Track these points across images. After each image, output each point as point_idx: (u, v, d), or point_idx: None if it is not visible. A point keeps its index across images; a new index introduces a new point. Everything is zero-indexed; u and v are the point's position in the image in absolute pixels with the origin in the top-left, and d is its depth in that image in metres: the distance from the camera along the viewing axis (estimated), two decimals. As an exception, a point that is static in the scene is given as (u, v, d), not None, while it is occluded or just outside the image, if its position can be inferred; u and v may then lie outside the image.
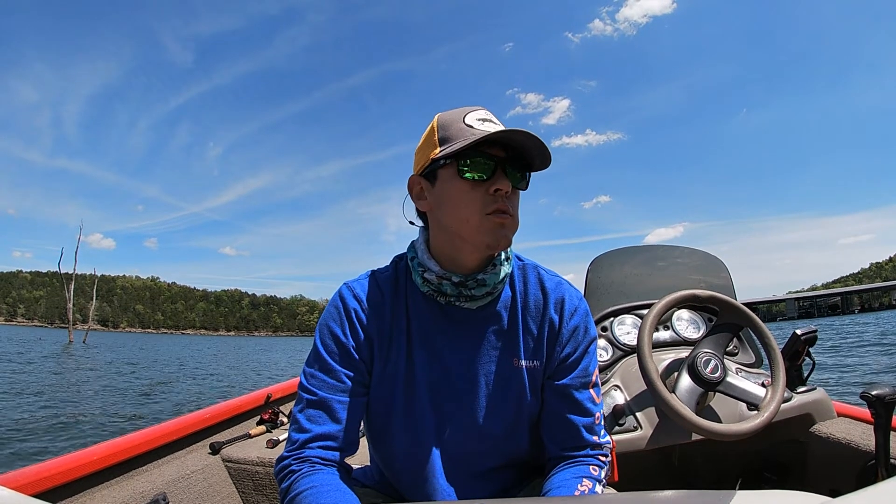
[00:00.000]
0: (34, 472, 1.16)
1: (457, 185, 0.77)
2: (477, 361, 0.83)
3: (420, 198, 0.83)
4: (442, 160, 0.77)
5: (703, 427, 1.14)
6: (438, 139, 0.79)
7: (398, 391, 0.82)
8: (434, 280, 0.81)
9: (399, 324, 0.83)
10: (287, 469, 0.76)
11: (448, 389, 0.82)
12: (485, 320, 0.84)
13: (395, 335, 0.83)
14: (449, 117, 0.80)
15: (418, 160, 0.83)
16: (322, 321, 0.84)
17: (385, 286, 0.85)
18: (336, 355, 0.80)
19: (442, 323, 0.83)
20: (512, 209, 0.77)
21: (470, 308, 0.83)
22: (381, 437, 0.86)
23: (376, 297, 0.84)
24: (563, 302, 0.85)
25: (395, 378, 0.82)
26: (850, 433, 1.30)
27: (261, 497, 1.60)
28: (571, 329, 0.84)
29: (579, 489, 0.76)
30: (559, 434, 0.84)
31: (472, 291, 0.80)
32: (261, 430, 1.88)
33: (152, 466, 1.47)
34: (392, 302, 0.84)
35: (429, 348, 0.82)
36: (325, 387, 0.79)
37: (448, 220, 0.79)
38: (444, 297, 0.82)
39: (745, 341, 1.52)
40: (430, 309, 0.84)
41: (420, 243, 0.86)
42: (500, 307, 0.84)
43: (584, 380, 0.84)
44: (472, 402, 0.82)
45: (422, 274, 0.82)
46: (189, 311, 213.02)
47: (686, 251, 1.73)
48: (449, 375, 0.82)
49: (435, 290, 0.82)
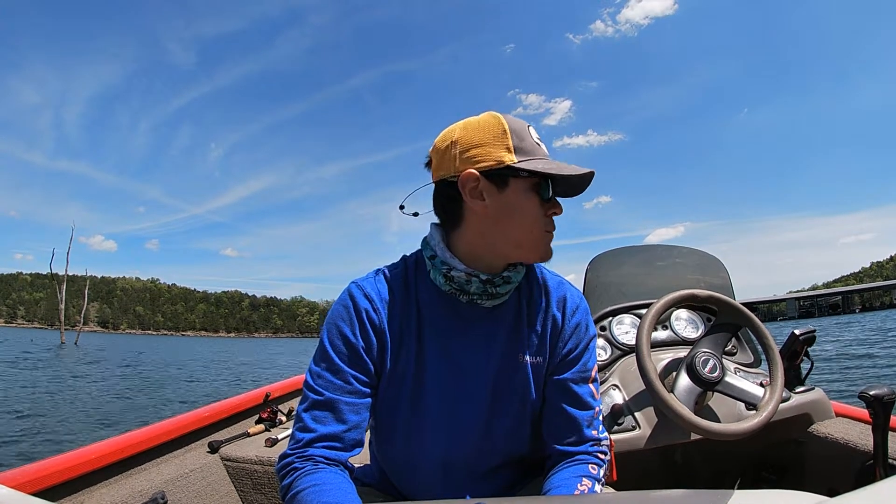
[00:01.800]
0: (33, 470, 1.16)
1: (532, 200, 0.79)
2: (488, 359, 0.83)
3: (475, 196, 0.79)
4: (522, 172, 0.77)
5: (701, 427, 1.14)
6: (514, 147, 0.78)
7: (406, 390, 0.82)
8: (462, 278, 0.80)
9: (409, 323, 0.83)
10: (290, 466, 0.76)
11: (459, 387, 0.82)
12: (496, 318, 0.84)
13: (405, 335, 0.82)
14: (518, 126, 0.80)
15: (479, 155, 0.78)
16: (330, 320, 0.82)
17: (395, 284, 0.84)
18: (344, 356, 0.79)
19: (454, 321, 0.83)
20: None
21: (487, 306, 0.83)
22: (386, 436, 0.86)
23: (386, 295, 0.83)
24: (565, 300, 0.87)
25: (405, 377, 0.82)
26: (849, 433, 1.30)
27: (259, 495, 1.60)
28: (573, 326, 0.86)
29: (579, 488, 0.76)
30: (559, 428, 0.84)
31: (497, 289, 0.81)
32: (259, 428, 1.88)
33: (151, 465, 1.47)
34: (402, 301, 0.83)
35: (441, 347, 0.82)
36: (331, 387, 0.78)
37: (513, 229, 0.80)
38: (467, 295, 0.81)
39: (744, 341, 1.52)
40: (443, 307, 0.83)
41: (437, 242, 0.84)
42: (507, 306, 0.85)
43: (584, 374, 0.86)
44: (482, 400, 0.82)
45: (447, 272, 0.81)
46: (189, 312, 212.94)
47: (685, 251, 1.74)
48: (460, 373, 0.82)
49: (457, 288, 0.81)
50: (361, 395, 0.80)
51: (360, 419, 0.80)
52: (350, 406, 0.78)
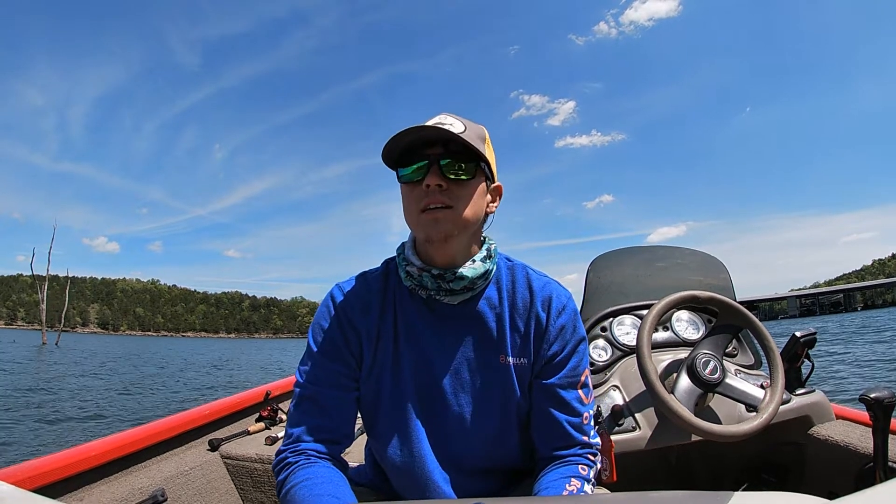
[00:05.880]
0: (33, 467, 1.17)
1: (403, 189, 0.83)
2: (461, 357, 0.84)
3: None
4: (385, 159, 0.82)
5: (701, 428, 1.14)
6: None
7: (385, 386, 0.84)
8: (415, 273, 0.83)
9: (386, 320, 0.86)
10: (284, 462, 0.79)
11: (433, 385, 0.84)
12: (469, 317, 0.85)
13: (382, 332, 0.85)
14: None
15: None
16: (315, 320, 0.88)
17: (374, 285, 0.88)
18: (327, 351, 0.84)
19: (427, 319, 0.85)
20: (450, 201, 0.79)
21: (451, 303, 0.84)
22: (373, 432, 0.88)
23: (365, 295, 0.87)
24: (550, 300, 0.86)
25: (383, 373, 0.85)
26: (849, 435, 1.30)
27: (259, 494, 1.60)
28: (559, 327, 0.85)
29: (567, 489, 0.77)
30: (547, 433, 0.85)
31: (450, 285, 0.82)
32: (259, 427, 1.88)
33: (151, 462, 1.48)
34: (380, 299, 0.87)
35: (414, 344, 0.84)
36: (316, 382, 0.83)
37: (406, 222, 0.85)
38: (425, 290, 0.84)
39: (745, 343, 1.52)
40: (416, 305, 0.86)
41: (408, 241, 0.89)
42: (485, 304, 0.85)
43: (572, 379, 0.85)
44: (457, 398, 0.83)
45: (405, 268, 0.85)
46: (189, 313, 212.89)
47: (686, 252, 1.74)
48: (433, 371, 0.84)
49: (416, 283, 0.84)
50: (346, 388, 0.84)
51: (348, 412, 0.84)
52: (336, 399, 0.83)
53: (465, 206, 0.80)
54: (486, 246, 0.87)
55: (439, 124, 0.78)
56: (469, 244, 0.84)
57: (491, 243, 0.88)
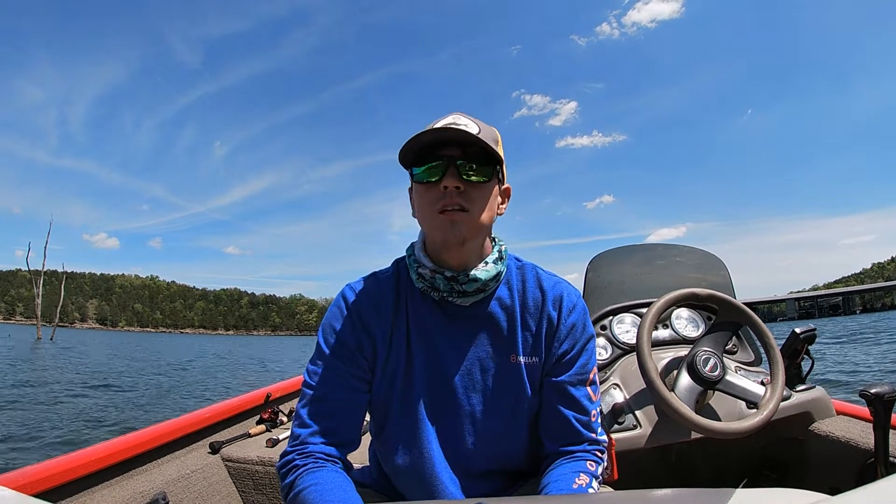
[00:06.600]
0: (35, 471, 1.17)
1: (418, 189, 0.83)
2: (473, 358, 0.84)
3: (412, 204, 0.88)
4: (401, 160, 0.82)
5: (702, 425, 1.15)
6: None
7: (397, 388, 0.84)
8: (427, 275, 0.83)
9: (399, 322, 0.85)
10: (291, 464, 0.78)
11: (444, 385, 0.84)
12: (481, 318, 0.85)
13: (395, 333, 0.85)
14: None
15: None
16: (325, 321, 0.87)
17: (385, 286, 0.87)
18: (338, 353, 0.83)
19: (439, 320, 0.85)
20: (467, 203, 0.78)
21: (463, 304, 0.84)
22: (382, 433, 0.88)
23: (377, 296, 0.86)
24: (561, 299, 0.87)
25: (395, 375, 0.84)
26: (850, 431, 1.30)
27: (261, 496, 1.60)
28: (569, 326, 0.86)
29: (577, 482, 0.77)
30: (556, 430, 0.85)
31: (463, 287, 0.82)
32: (260, 429, 1.88)
33: (152, 466, 1.47)
34: (392, 301, 0.86)
35: (426, 345, 0.84)
36: (327, 383, 0.82)
37: (419, 223, 0.85)
38: (438, 292, 0.83)
39: (745, 340, 1.52)
40: (428, 307, 0.86)
41: (418, 242, 0.89)
42: (496, 305, 0.86)
43: (582, 377, 0.86)
44: (468, 398, 0.84)
45: (417, 269, 0.84)
46: (188, 310, 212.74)
47: (685, 249, 1.73)
48: (445, 371, 0.84)
49: (429, 285, 0.84)
50: (356, 390, 0.83)
51: (356, 415, 0.83)
52: (345, 401, 0.82)
53: (481, 210, 0.80)
54: (497, 247, 0.88)
55: (453, 124, 0.77)
56: (481, 246, 0.85)
57: (501, 244, 0.89)
